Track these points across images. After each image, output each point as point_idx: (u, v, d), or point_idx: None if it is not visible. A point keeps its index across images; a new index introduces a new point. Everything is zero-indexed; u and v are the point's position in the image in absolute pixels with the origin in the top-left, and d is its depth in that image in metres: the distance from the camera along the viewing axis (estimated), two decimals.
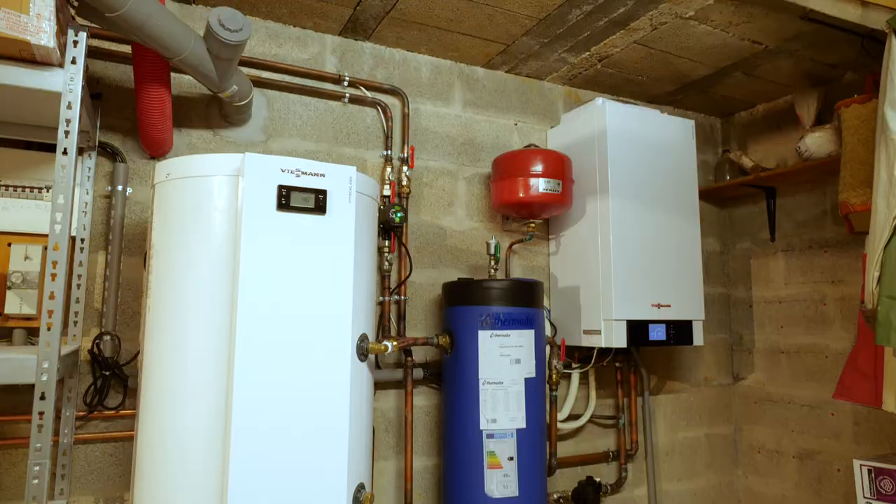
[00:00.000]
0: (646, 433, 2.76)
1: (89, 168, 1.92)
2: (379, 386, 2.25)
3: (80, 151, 1.89)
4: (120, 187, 1.95)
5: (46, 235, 1.46)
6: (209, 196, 1.48)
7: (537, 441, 2.06)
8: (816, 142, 2.51)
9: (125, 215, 1.97)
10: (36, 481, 1.35)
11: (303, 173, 1.47)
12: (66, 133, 1.43)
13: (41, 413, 1.36)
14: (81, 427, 1.87)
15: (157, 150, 2.00)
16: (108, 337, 1.88)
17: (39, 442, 1.36)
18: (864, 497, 1.83)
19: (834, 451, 2.63)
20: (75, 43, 1.44)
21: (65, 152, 1.43)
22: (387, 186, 2.29)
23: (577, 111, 2.57)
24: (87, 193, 1.91)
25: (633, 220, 2.39)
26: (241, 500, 1.34)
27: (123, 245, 1.96)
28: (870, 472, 1.82)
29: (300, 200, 1.45)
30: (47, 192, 1.86)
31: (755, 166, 2.82)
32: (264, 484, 1.36)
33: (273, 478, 1.38)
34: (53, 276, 1.41)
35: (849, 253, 2.63)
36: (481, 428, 1.99)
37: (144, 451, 1.47)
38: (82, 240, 1.88)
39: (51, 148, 1.76)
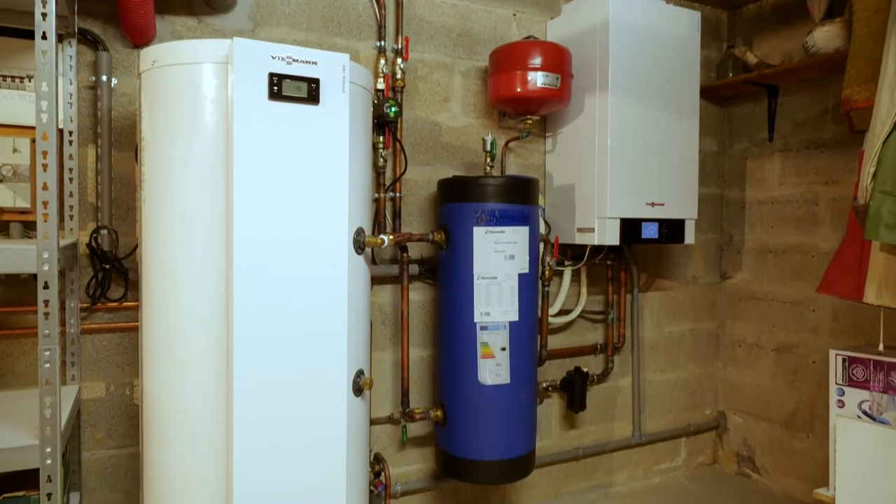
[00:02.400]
0: (633, 328, 2.86)
1: (71, 57, 1.84)
2: (376, 281, 2.30)
3: (60, 39, 1.81)
4: (104, 77, 1.88)
5: (33, 127, 1.43)
6: (198, 84, 1.43)
7: (529, 333, 2.14)
8: (825, 36, 2.43)
9: (112, 107, 1.92)
10: (48, 366, 1.41)
11: (294, 60, 1.42)
12: (44, 15, 1.36)
13: (46, 301, 1.40)
14: (87, 318, 1.93)
15: (139, 38, 1.91)
16: (105, 231, 1.89)
17: (47, 329, 1.40)
18: (837, 384, 1.93)
19: (811, 345, 2.76)
20: None
21: (44, 36, 1.37)
22: (381, 80, 2.22)
23: (579, 1, 2.45)
24: (71, 84, 1.85)
25: (632, 117, 2.35)
26: (245, 382, 1.40)
27: (113, 139, 1.93)
28: (844, 360, 1.92)
29: (292, 89, 1.41)
30: (29, 81, 1.80)
31: (759, 63, 2.74)
32: (267, 368, 1.42)
33: (275, 363, 1.43)
34: (45, 166, 1.39)
35: (846, 153, 2.62)
36: (475, 320, 2.06)
37: (150, 340, 1.53)
38: (70, 132, 1.84)
39: (29, 35, 1.68)
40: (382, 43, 2.25)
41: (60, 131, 1.80)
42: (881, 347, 1.92)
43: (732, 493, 2.87)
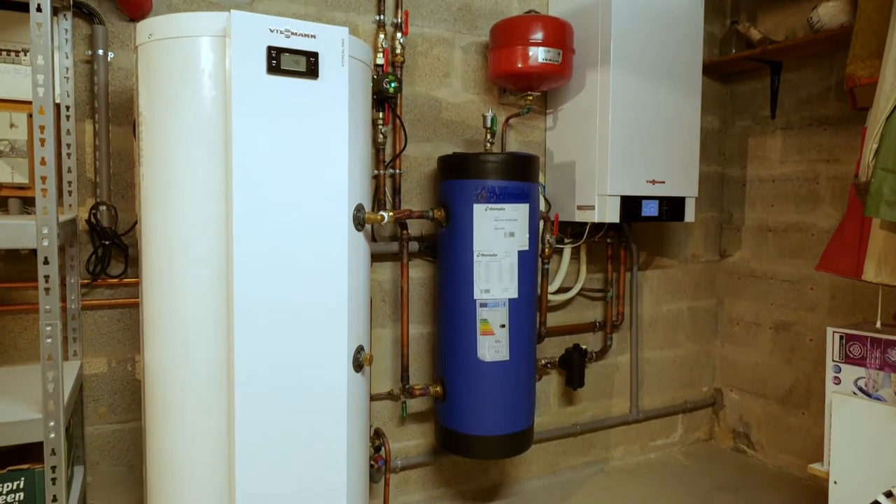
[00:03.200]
0: (632, 305, 2.87)
1: (66, 30, 1.82)
2: (375, 258, 2.30)
3: (55, 12, 1.79)
4: (101, 51, 1.86)
5: (29, 102, 1.42)
6: (196, 58, 1.41)
7: (528, 310, 2.15)
8: (830, 12, 2.40)
9: (109, 82, 1.90)
10: (49, 340, 1.41)
11: (293, 34, 1.40)
12: None
13: (46, 277, 1.40)
14: (87, 294, 1.93)
15: (135, 11, 1.89)
16: (104, 207, 1.88)
17: (48, 304, 1.40)
18: (833, 360, 1.95)
19: (808, 323, 2.77)
20: None
21: (38, 9, 1.35)
22: (380, 55, 2.20)
23: None
24: (67, 58, 1.83)
25: (634, 93, 2.33)
26: (246, 357, 1.41)
27: (111, 114, 1.91)
28: (841, 338, 1.93)
29: (291, 63, 1.40)
30: (25, 55, 1.78)
31: (763, 38, 2.71)
32: (268, 343, 1.43)
33: (276, 338, 1.44)
34: (42, 141, 1.38)
35: (848, 130, 2.61)
36: (475, 297, 2.07)
37: (150, 315, 1.53)
38: (67, 107, 1.82)
39: (23, 7, 1.66)
40: (382, 17, 2.22)
41: (57, 106, 1.79)
42: (879, 325, 1.93)
43: (728, 468, 2.91)
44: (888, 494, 1.56)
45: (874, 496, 1.58)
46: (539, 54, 2.16)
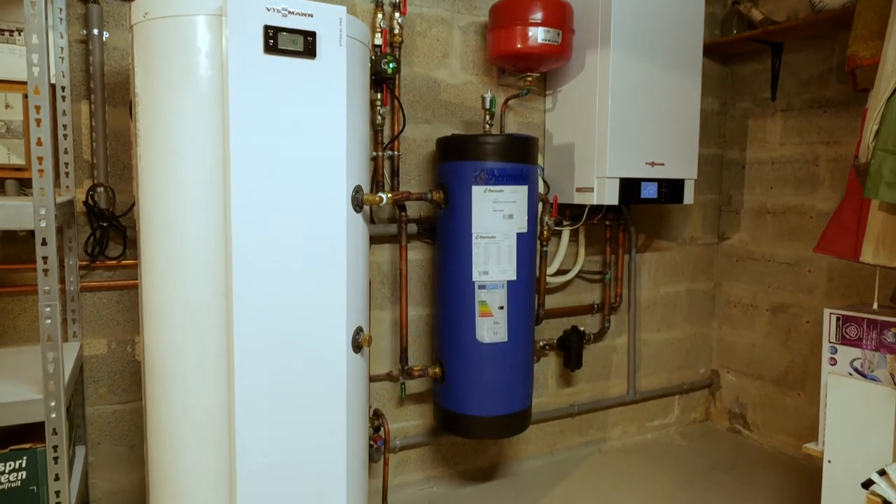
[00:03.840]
0: (630, 288, 2.88)
1: (60, 9, 1.80)
2: (374, 240, 2.30)
3: None
4: (95, 31, 1.84)
5: (25, 83, 1.40)
6: (192, 38, 1.40)
7: (527, 292, 2.15)
8: None
9: (104, 62, 1.88)
10: (49, 321, 1.42)
11: (290, 13, 1.39)
12: None
13: (45, 258, 1.40)
14: (86, 276, 1.93)
15: None
16: (101, 188, 1.88)
17: (47, 285, 1.41)
18: (830, 342, 1.96)
19: (805, 305, 2.78)
20: None
21: None
22: (378, 35, 2.18)
23: None
24: (62, 38, 1.81)
25: (634, 75, 2.32)
26: (245, 338, 1.41)
27: (107, 94, 1.90)
28: (838, 319, 1.94)
29: (288, 42, 1.38)
30: (19, 34, 1.76)
31: (764, 19, 2.69)
32: (267, 323, 1.44)
33: (275, 318, 1.44)
34: (38, 121, 1.37)
35: (848, 112, 2.59)
36: (473, 279, 2.07)
37: (149, 297, 1.53)
38: (62, 88, 1.81)
39: None
40: None
41: (52, 87, 1.78)
42: (876, 306, 1.94)
43: (723, 448, 2.94)
44: (881, 473, 1.58)
45: (868, 475, 1.60)
46: (538, 35, 2.14)
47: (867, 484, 1.59)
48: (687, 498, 2.45)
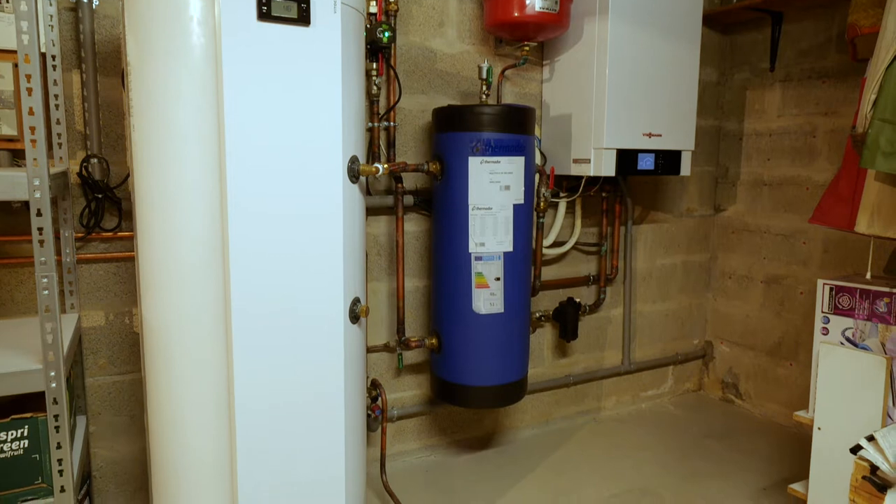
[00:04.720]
0: (626, 259, 2.90)
1: None
2: (370, 212, 2.30)
3: None
4: None
5: (14, 52, 1.38)
6: (184, 4, 1.37)
7: (523, 264, 2.16)
8: None
9: (95, 30, 1.85)
10: (46, 292, 1.42)
11: None
12: None
13: (40, 229, 1.39)
14: (82, 248, 1.93)
15: None
16: (95, 160, 1.86)
17: (43, 256, 1.41)
18: (823, 312, 1.98)
19: (800, 276, 2.80)
20: None
21: None
22: (373, 3, 2.14)
23: None
24: (51, 5, 1.77)
25: (632, 44, 2.29)
26: (242, 308, 1.42)
27: (98, 64, 1.87)
28: (831, 289, 1.95)
29: (282, 9, 1.36)
30: (7, 2, 1.72)
31: None
32: (264, 294, 1.44)
33: (272, 289, 1.45)
34: (29, 90, 1.36)
35: (847, 83, 2.58)
36: (470, 251, 2.08)
37: (146, 268, 1.53)
38: (53, 57, 1.78)
39: None
40: None
41: (43, 56, 1.75)
42: (869, 276, 1.96)
43: (716, 417, 2.99)
44: (870, 439, 1.61)
45: (857, 441, 1.63)
46: (536, 2, 2.11)
47: (856, 449, 1.63)
48: (680, 465, 2.50)
